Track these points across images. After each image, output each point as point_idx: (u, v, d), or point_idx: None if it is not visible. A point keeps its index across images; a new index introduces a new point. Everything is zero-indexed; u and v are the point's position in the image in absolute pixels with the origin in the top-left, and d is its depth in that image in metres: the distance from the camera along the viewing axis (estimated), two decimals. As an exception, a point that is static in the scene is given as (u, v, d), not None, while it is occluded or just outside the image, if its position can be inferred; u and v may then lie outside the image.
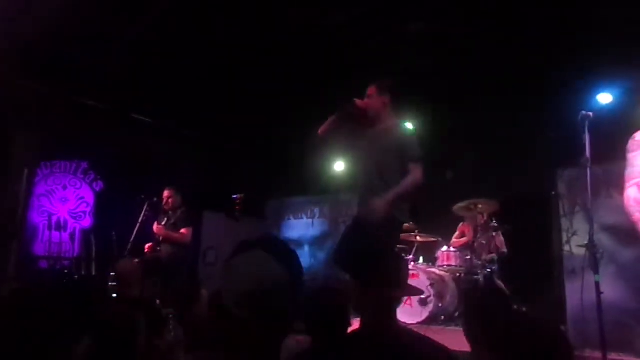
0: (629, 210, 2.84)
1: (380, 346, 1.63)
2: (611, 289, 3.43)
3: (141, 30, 4.89)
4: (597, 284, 2.63)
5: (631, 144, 2.93)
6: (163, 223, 5.14)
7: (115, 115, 6.36)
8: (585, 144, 2.81)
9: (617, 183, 3.15)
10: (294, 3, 4.61)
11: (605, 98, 4.51)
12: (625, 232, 3.28)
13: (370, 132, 3.42)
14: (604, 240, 3.69)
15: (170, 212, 5.22)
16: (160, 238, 5.04)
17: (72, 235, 6.77)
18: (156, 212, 5.23)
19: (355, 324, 1.80)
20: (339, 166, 7.28)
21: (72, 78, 5.55)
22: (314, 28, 4.89)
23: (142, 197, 5.09)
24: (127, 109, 6.39)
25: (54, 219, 6.69)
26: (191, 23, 4.81)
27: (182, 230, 5.11)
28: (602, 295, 2.74)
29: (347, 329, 1.92)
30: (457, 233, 6.05)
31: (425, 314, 4.98)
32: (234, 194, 7.24)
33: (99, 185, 7.17)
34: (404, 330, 1.81)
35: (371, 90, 3.43)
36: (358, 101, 3.36)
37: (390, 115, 3.43)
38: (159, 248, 4.99)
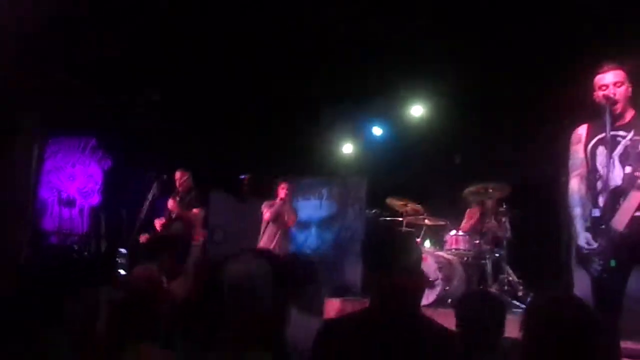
0: (571, 203, 2.85)
1: (384, 326, 1.63)
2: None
3: (150, 10, 4.86)
4: (611, 269, 2.59)
5: (574, 136, 2.96)
6: (177, 201, 5.18)
7: (123, 93, 6.34)
8: (606, 124, 2.75)
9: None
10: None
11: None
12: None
13: None
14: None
15: (183, 193, 5.26)
16: (173, 215, 5.07)
17: (81, 212, 6.82)
18: (166, 189, 5.24)
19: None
20: (348, 148, 7.24)
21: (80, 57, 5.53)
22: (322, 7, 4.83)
23: (152, 174, 5.09)
24: (136, 87, 6.37)
25: (64, 195, 6.72)
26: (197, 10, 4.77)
27: (195, 210, 5.17)
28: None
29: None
30: (465, 219, 6.03)
31: (432, 297, 4.99)
32: (242, 174, 7.24)
33: (107, 164, 7.18)
34: (410, 313, 1.79)
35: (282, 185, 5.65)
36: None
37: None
38: (172, 224, 5.01)
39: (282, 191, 5.64)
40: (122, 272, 4.80)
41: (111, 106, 6.34)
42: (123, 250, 4.90)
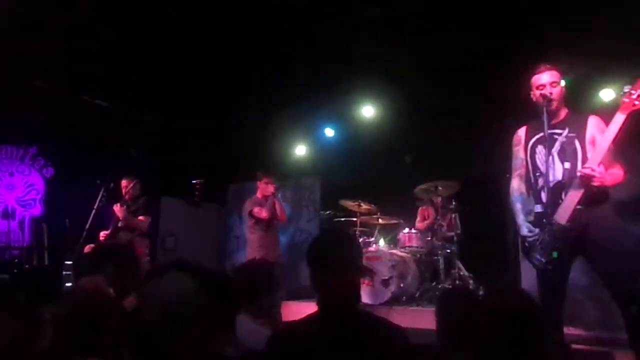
0: (512, 199, 3.03)
1: (335, 327, 1.64)
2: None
3: (94, 10, 4.67)
4: (553, 260, 2.71)
5: (515, 138, 3.13)
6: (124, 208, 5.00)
7: (66, 98, 6.07)
8: (543, 124, 2.88)
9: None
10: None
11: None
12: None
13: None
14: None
15: (130, 201, 5.08)
16: (119, 224, 4.88)
17: (21, 224, 6.46)
18: (113, 198, 5.05)
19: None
20: (300, 150, 7.24)
21: (19, 58, 5.25)
22: (271, 9, 4.80)
23: (98, 182, 4.89)
24: (79, 91, 6.11)
25: (1, 207, 6.35)
26: (146, 4, 4.62)
27: (140, 218, 4.99)
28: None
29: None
30: (418, 217, 6.16)
31: (387, 295, 5.06)
32: (193, 179, 7.08)
33: (49, 172, 6.85)
34: (361, 312, 1.83)
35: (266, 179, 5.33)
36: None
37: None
38: (118, 233, 4.84)
39: (269, 186, 5.23)
40: (68, 284, 4.59)
41: (53, 111, 6.05)
42: (68, 262, 4.68)
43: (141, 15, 4.76)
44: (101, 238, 4.85)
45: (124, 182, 5.09)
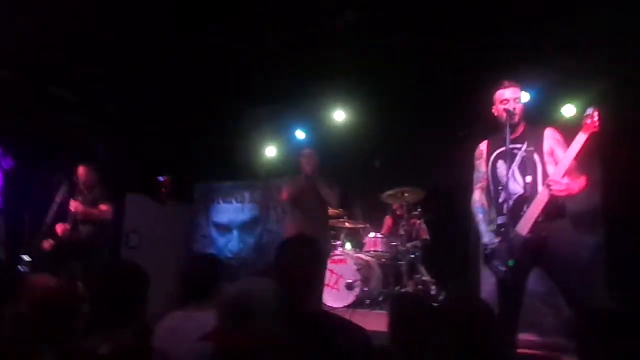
0: (474, 211, 3.15)
1: (298, 326, 1.67)
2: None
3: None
4: (510, 268, 2.81)
5: (477, 152, 3.25)
6: (79, 201, 4.86)
7: (29, 88, 5.88)
8: (503, 138, 2.98)
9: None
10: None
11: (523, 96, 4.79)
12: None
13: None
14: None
15: (85, 191, 4.94)
16: (78, 217, 4.74)
17: (-24, 216, 6.21)
18: (74, 193, 4.92)
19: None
20: (271, 151, 7.23)
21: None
22: (245, 10, 4.80)
23: (60, 176, 4.76)
24: (43, 81, 5.93)
25: (-45, 198, 6.08)
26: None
27: (102, 207, 4.85)
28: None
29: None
30: (384, 227, 6.24)
31: (351, 298, 5.11)
32: (160, 176, 6.99)
33: (8, 163, 6.61)
34: (324, 312, 1.88)
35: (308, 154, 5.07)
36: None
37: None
38: (78, 227, 4.71)
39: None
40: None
41: (15, 102, 5.85)
42: (26, 258, 4.54)
43: (111, 9, 4.67)
44: (59, 232, 4.72)
45: (80, 170, 4.97)
